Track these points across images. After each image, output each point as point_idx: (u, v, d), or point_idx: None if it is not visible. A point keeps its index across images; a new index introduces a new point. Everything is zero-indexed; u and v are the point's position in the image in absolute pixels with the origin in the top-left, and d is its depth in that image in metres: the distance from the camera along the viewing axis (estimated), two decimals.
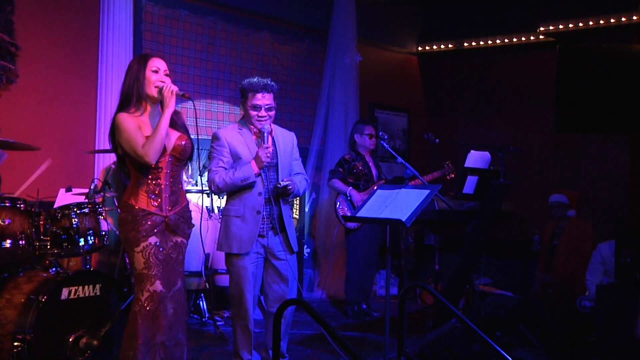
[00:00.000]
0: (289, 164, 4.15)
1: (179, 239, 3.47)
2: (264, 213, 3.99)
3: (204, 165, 5.74)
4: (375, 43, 8.45)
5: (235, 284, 4.02)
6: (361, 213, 4.15)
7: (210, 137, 6.56)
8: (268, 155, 3.90)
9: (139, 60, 3.43)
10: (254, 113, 4.02)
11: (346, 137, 7.26)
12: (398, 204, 4.04)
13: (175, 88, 3.37)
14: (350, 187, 6.09)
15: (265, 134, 3.94)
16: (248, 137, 4.05)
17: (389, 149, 5.61)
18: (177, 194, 3.48)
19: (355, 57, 7.63)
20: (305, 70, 7.65)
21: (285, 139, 4.18)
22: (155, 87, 3.38)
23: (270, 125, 4.06)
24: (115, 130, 3.34)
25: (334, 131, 7.46)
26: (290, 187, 3.97)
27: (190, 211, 3.60)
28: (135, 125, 3.32)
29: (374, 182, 6.20)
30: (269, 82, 4.05)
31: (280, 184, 3.96)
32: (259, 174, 3.96)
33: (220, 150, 4.03)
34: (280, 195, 4.03)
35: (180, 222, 3.46)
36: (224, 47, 6.81)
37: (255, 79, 4.06)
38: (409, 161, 5.54)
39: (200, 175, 5.78)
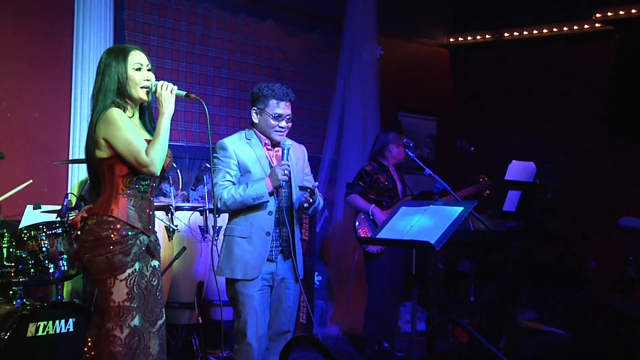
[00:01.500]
0: (301, 179, 4.23)
1: (157, 263, 3.49)
2: (274, 234, 4.05)
3: (197, 178, 5.74)
4: (398, 34, 8.45)
5: (238, 315, 4.06)
6: (382, 234, 4.14)
7: (204, 145, 6.60)
8: (286, 173, 3.98)
9: (116, 56, 3.40)
10: (274, 123, 4.10)
11: (365, 145, 7.24)
12: (425, 223, 4.02)
13: (174, 86, 3.42)
14: (373, 205, 6.07)
15: (286, 150, 4.03)
16: (259, 149, 4.13)
17: (415, 159, 5.59)
18: (154, 212, 3.52)
19: (375, 50, 7.63)
20: (316, 66, 7.65)
21: (297, 152, 4.26)
22: (142, 87, 3.39)
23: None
24: (104, 126, 3.28)
25: (350, 138, 7.45)
26: (314, 194, 4.04)
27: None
28: (133, 125, 3.33)
29: (399, 198, 6.17)
30: (288, 90, 4.16)
31: (309, 188, 4.01)
32: (273, 193, 4.04)
33: (227, 162, 4.09)
34: (300, 209, 4.11)
35: (157, 244, 3.50)
36: (221, 39, 6.83)
37: (276, 85, 4.15)
38: (438, 173, 5.51)
39: (193, 190, 5.78)
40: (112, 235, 3.29)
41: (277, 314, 4.11)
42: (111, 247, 3.28)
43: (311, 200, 4.04)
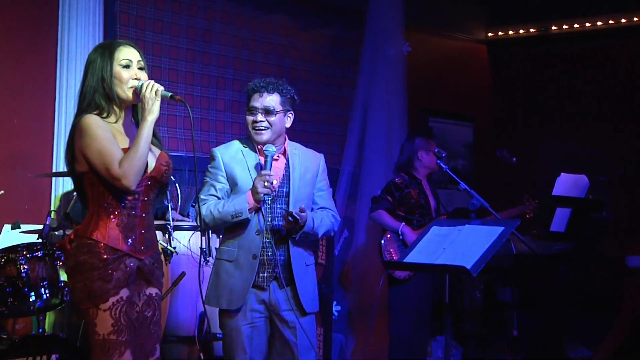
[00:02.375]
0: (308, 195, 4.15)
1: (154, 291, 3.46)
2: (264, 257, 4.00)
3: (198, 193, 5.75)
4: (429, 28, 8.44)
5: (225, 351, 4.04)
6: (410, 258, 4.11)
7: (206, 155, 6.62)
8: (267, 185, 3.89)
9: (102, 52, 3.41)
10: (249, 119, 4.08)
11: (391, 156, 7.22)
12: (460, 245, 4.00)
13: (160, 87, 3.37)
14: (403, 223, 6.04)
15: (269, 157, 3.96)
16: (250, 157, 4.09)
17: (449, 172, 5.57)
18: (152, 231, 3.47)
19: (403, 47, 7.61)
20: (334, 65, 7.65)
21: (307, 162, 4.19)
22: (130, 87, 3.38)
23: (283, 144, 4.11)
24: (78, 137, 3.30)
25: (373, 148, 7.42)
26: (301, 220, 3.94)
27: (160, 253, 3.58)
28: (110, 133, 3.31)
29: (431, 216, 6.14)
30: (275, 81, 4.12)
31: (294, 213, 3.91)
32: (258, 209, 3.97)
33: (214, 174, 4.08)
34: (291, 233, 4.01)
35: (155, 268, 3.46)
36: (225, 35, 6.85)
37: (256, 80, 4.14)
38: (475, 188, 5.48)
39: (194, 206, 5.78)
40: (90, 260, 3.28)
41: (280, 353, 4.06)
42: (89, 273, 3.27)
43: (296, 227, 3.95)
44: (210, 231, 5.42)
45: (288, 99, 4.11)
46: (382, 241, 6.14)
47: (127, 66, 3.39)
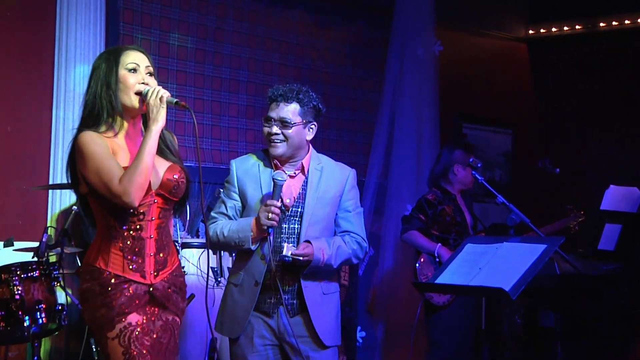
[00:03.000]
0: (327, 216, 4.11)
1: (171, 317, 3.46)
2: (270, 282, 3.97)
3: (209, 207, 5.74)
4: (463, 25, 8.44)
5: None
6: (442, 279, 4.11)
7: (217, 166, 6.62)
8: (271, 217, 3.86)
9: (107, 57, 3.43)
10: (265, 130, 4.07)
11: (421, 166, 7.20)
12: (498, 265, 3.99)
13: (165, 93, 3.36)
14: (439, 244, 6.01)
15: (277, 186, 3.91)
16: (266, 173, 4.07)
17: (484, 183, 5.54)
18: (166, 252, 3.46)
19: (434, 46, 7.60)
20: (358, 66, 7.65)
21: (330, 179, 4.15)
22: (136, 93, 3.38)
23: (302, 159, 4.08)
24: (76, 156, 3.34)
25: (401, 157, 7.40)
26: (304, 259, 3.92)
27: (184, 275, 3.58)
28: (108, 149, 3.32)
29: (468, 234, 6.11)
30: (296, 88, 4.07)
31: (288, 256, 3.90)
32: (265, 238, 3.95)
33: (227, 189, 4.14)
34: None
35: (171, 292, 3.45)
36: (239, 33, 6.86)
37: (275, 86, 4.11)
38: (514, 201, 5.44)
39: (204, 222, 5.79)
40: (93, 287, 3.33)
41: None
42: (93, 301, 3.32)
43: (298, 259, 3.93)
44: (214, 250, 5.42)
45: (310, 109, 4.07)
46: (417, 265, 6.11)
47: (133, 70, 3.40)
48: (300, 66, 7.18)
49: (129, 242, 3.36)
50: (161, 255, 3.43)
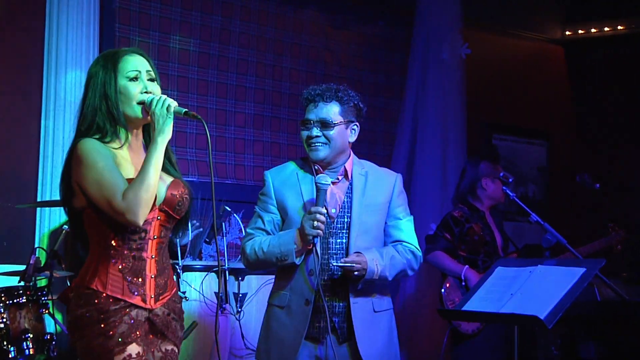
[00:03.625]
0: (376, 225, 4.14)
1: (170, 347, 3.45)
2: (320, 303, 3.97)
3: (213, 226, 5.74)
4: (492, 26, 8.46)
5: None
6: (470, 305, 4.10)
7: (222, 180, 6.61)
8: (316, 225, 3.87)
9: (105, 64, 3.41)
10: (303, 134, 4.10)
11: (446, 180, 7.19)
12: (532, 290, 3.99)
13: (173, 102, 3.37)
14: (467, 266, 6.00)
15: (322, 191, 3.92)
16: (306, 181, 4.10)
17: (517, 200, 5.54)
18: (166, 275, 3.46)
19: (461, 49, 7.61)
20: (376, 71, 7.66)
21: (377, 184, 4.20)
22: (139, 103, 3.39)
23: (344, 163, 4.12)
24: (74, 165, 3.31)
25: (424, 171, 7.42)
26: (356, 271, 3.92)
27: (182, 301, 3.57)
28: (112, 160, 3.31)
29: (498, 255, 6.10)
30: (334, 87, 4.15)
31: (339, 265, 3.92)
32: (310, 251, 3.96)
33: (263, 202, 4.14)
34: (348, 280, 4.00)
35: (170, 319, 3.45)
36: (247, 35, 6.89)
37: (315, 86, 4.17)
38: (549, 220, 5.43)
39: (208, 242, 5.79)
40: (89, 314, 3.29)
41: None
42: (88, 329, 3.28)
43: (351, 277, 3.94)
44: (227, 273, 5.42)
45: (350, 107, 4.15)
46: (443, 290, 6.10)
47: (134, 78, 3.40)
48: (313, 71, 7.20)
49: (129, 263, 3.35)
50: (161, 278, 3.43)
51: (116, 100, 3.37)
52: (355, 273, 3.92)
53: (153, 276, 3.39)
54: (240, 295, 5.58)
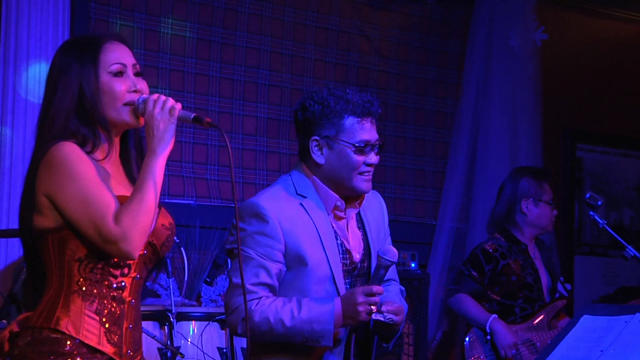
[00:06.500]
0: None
1: None
2: None
3: (215, 263, 5.80)
4: (576, 4, 8.46)
5: None
6: None
7: (226, 204, 6.65)
8: (367, 310, 3.81)
9: (79, 54, 3.37)
10: (357, 159, 3.98)
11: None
12: (628, 346, 3.97)
13: (175, 103, 3.33)
14: (494, 316, 6.02)
15: (385, 267, 3.86)
16: (320, 217, 4.01)
17: (607, 228, 5.57)
18: (139, 329, 3.49)
19: (534, 34, 7.64)
20: (427, 63, 7.70)
21: (374, 209, 4.23)
22: (127, 104, 3.38)
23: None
24: (49, 176, 3.24)
25: (487, 192, 7.41)
26: (397, 324, 3.92)
27: None
28: (96, 171, 3.26)
29: (543, 301, 6.13)
30: (373, 98, 4.04)
31: (385, 317, 3.88)
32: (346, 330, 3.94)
33: (265, 246, 3.96)
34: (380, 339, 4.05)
35: None
36: (258, 17, 6.94)
37: (349, 90, 4.03)
38: None
39: (209, 283, 5.84)
40: None
41: None
42: None
43: (393, 332, 3.99)
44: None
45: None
46: (467, 341, 6.12)
47: (119, 73, 3.38)
48: (345, 63, 7.23)
49: (108, 305, 3.34)
50: (136, 329, 3.44)
51: (97, 102, 3.33)
52: (396, 325, 3.91)
53: (131, 327, 3.39)
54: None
